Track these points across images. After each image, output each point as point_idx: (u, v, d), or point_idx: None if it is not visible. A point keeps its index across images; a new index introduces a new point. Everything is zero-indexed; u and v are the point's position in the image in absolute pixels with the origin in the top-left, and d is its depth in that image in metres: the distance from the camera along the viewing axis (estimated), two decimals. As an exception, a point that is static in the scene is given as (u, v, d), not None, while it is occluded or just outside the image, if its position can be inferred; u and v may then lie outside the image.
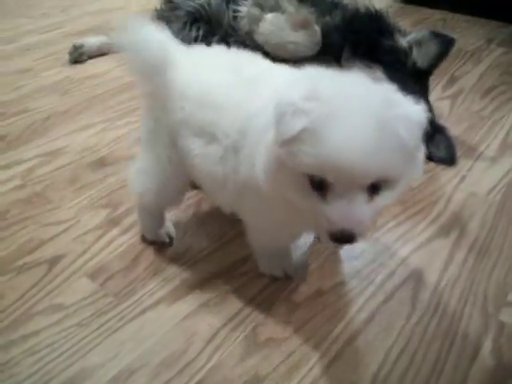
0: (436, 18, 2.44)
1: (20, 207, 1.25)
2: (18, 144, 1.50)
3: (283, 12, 1.40)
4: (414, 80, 1.39)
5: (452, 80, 1.88)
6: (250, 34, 1.43)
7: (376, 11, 1.48)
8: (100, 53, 2.03)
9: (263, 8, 1.45)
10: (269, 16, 1.40)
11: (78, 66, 1.96)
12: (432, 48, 1.41)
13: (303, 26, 1.37)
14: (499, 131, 1.59)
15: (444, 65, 1.87)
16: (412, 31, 1.48)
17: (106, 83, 1.83)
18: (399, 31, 1.45)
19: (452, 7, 2.48)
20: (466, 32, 2.30)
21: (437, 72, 1.64)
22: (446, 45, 1.44)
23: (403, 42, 1.42)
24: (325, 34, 1.41)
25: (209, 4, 1.58)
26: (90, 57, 2.01)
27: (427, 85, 1.48)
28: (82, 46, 2.00)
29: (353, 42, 1.40)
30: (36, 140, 1.51)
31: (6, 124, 1.60)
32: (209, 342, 0.95)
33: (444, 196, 1.30)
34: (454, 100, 1.75)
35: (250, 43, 1.40)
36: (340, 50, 1.41)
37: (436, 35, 1.44)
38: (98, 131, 1.55)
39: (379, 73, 1.38)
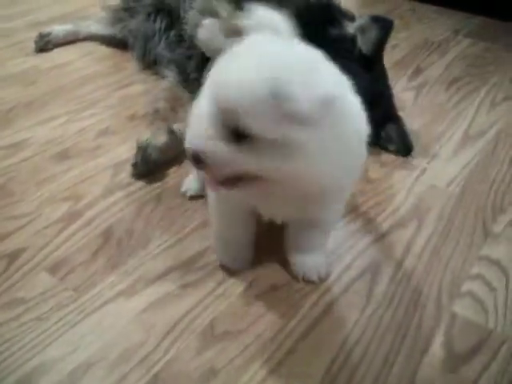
0: (405, 8, 2.45)
1: (-19, 201, 1.25)
2: (-20, 137, 1.49)
3: (219, 18, 1.40)
4: (364, 67, 1.39)
5: (417, 71, 1.89)
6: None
7: (327, 1, 1.48)
8: (66, 41, 2.02)
9: (204, 13, 1.45)
10: (206, 22, 1.41)
11: (44, 56, 1.94)
12: (373, 33, 1.40)
13: (235, 32, 1.37)
14: (462, 122, 1.61)
15: (410, 56, 1.91)
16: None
17: (71, 73, 1.81)
18: (349, 19, 1.45)
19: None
20: (434, 23, 2.33)
21: (402, 63, 1.67)
22: (385, 29, 1.43)
23: (351, 29, 1.43)
24: None
25: None
26: (56, 45, 1.99)
27: (380, 70, 1.48)
28: (48, 35, 1.98)
29: (302, 34, 1.41)
30: (-1, 132, 1.51)
31: (-34, 116, 1.59)
32: (167, 334, 0.96)
33: (404, 188, 1.32)
34: (418, 91, 1.76)
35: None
36: None
37: (376, 20, 1.43)
38: (63, 123, 1.53)
39: None
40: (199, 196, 1.22)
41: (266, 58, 0.72)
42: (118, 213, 1.21)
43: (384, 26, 1.43)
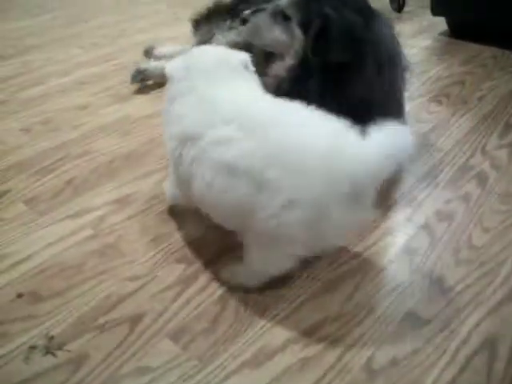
0: (486, 55, 2.44)
1: (95, 259, 1.29)
2: (85, 190, 1.54)
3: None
4: None
5: (507, 127, 1.86)
6: None
7: None
8: (162, 79, 2.10)
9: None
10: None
11: (134, 103, 2.02)
12: None
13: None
14: (560, 182, 1.59)
15: (497, 109, 1.90)
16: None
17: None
18: None
19: (501, 43, 2.47)
20: (517, 71, 2.31)
21: (490, 117, 1.68)
22: None
23: None
24: None
25: None
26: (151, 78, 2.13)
27: None
28: (145, 70, 2.07)
29: None
30: (103, 185, 1.56)
31: (70, 167, 1.65)
32: (293, 410, 0.98)
33: (511, 256, 1.31)
34: (511, 149, 1.75)
35: None
36: None
37: None
38: (163, 178, 1.57)
39: None
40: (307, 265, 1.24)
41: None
42: (232, 279, 1.24)
43: None
